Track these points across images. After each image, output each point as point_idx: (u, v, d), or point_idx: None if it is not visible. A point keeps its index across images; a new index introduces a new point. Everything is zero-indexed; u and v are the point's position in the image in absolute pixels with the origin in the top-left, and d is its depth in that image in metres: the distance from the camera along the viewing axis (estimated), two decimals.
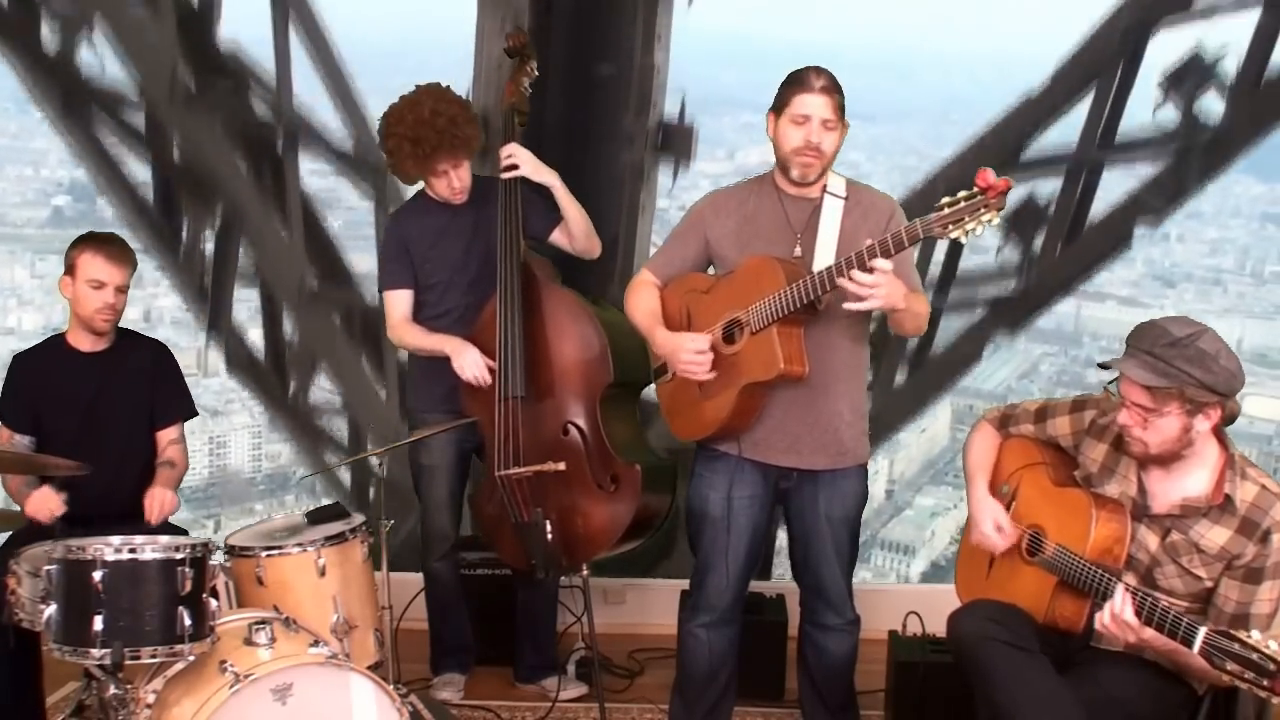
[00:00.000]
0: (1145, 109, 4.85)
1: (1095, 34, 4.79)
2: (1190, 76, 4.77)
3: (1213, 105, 4.78)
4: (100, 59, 4.84)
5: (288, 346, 5.05)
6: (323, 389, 5.09)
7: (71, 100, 4.85)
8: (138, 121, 4.87)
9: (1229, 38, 4.75)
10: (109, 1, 4.80)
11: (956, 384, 5.14)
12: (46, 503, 3.52)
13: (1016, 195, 4.87)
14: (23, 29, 4.80)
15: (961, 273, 5.04)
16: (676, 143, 4.83)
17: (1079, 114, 4.88)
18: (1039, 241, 4.92)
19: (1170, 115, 4.81)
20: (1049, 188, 4.92)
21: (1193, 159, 4.79)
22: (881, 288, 3.08)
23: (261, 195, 4.93)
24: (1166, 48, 4.79)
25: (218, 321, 5.03)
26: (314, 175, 5.00)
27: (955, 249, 4.97)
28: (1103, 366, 2.97)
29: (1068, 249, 4.92)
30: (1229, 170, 4.88)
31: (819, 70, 3.30)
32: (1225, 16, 4.75)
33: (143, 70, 4.81)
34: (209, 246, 4.97)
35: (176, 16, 4.78)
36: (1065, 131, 4.91)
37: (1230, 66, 4.74)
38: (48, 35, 4.83)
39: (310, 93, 4.93)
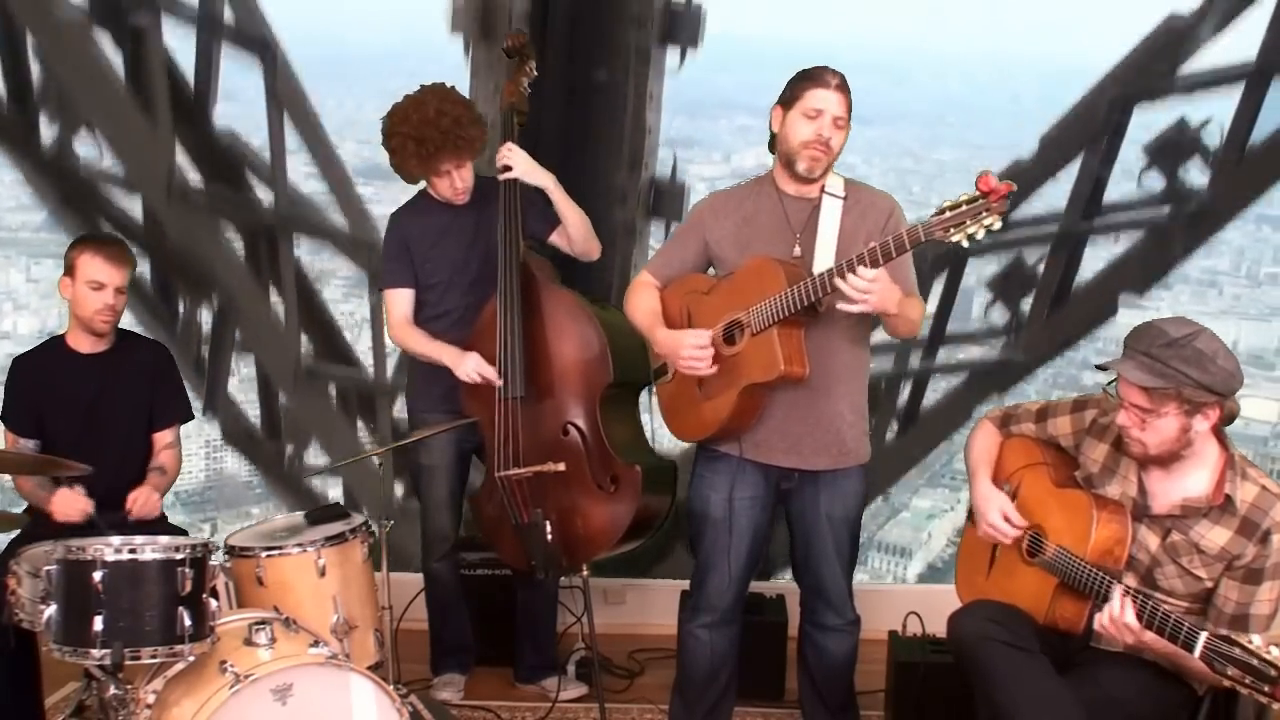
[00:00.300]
0: (1131, 179, 4.92)
1: (1081, 103, 4.87)
2: (1175, 146, 4.86)
3: (1197, 175, 4.86)
4: (100, 147, 4.91)
5: (283, 415, 5.14)
6: (319, 457, 5.18)
7: (70, 193, 4.91)
8: (135, 210, 4.94)
9: (1213, 109, 4.82)
10: (105, 103, 4.85)
11: (946, 444, 5.22)
12: (75, 504, 3.53)
13: (1005, 259, 5.01)
14: (21, 128, 4.87)
15: (950, 334, 5.12)
16: (668, 203, 4.87)
17: (1067, 177, 4.95)
18: (1027, 304, 5.01)
19: (1156, 183, 4.89)
20: (1038, 251, 5.01)
21: (1177, 231, 4.88)
22: (872, 294, 3.09)
23: (257, 280, 5.03)
24: (1151, 119, 4.86)
25: (214, 400, 5.12)
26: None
27: (944, 312, 5.06)
28: (1100, 368, 2.98)
29: (1054, 314, 5.01)
30: (1213, 241, 4.98)
31: (833, 70, 3.32)
32: (1209, 93, 4.84)
33: (139, 169, 4.87)
34: (205, 321, 5.05)
35: (173, 104, 4.84)
36: (1053, 197, 4.99)
37: (1214, 136, 4.82)
38: (46, 131, 4.89)
39: (304, 176, 5.03)
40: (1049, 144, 4.91)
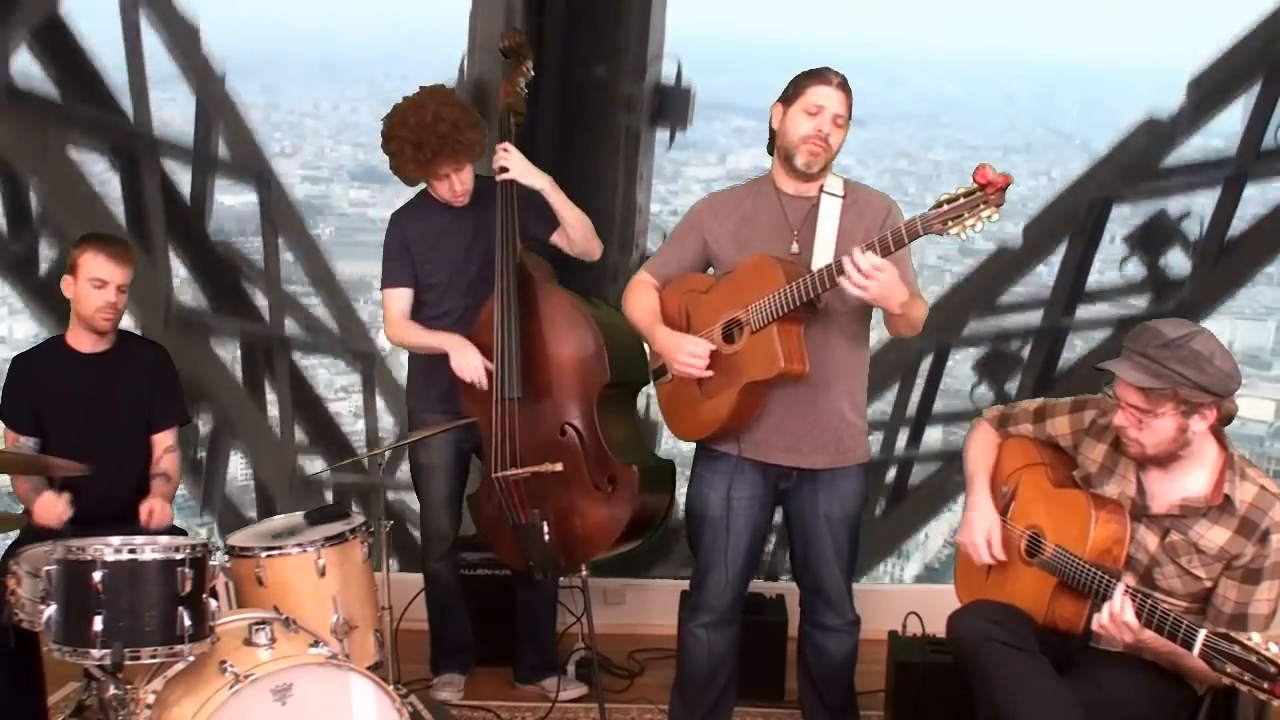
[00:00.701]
0: (1113, 268, 5.01)
1: (1063, 196, 4.97)
2: (1155, 236, 4.94)
3: (1177, 264, 4.95)
4: None
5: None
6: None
7: (66, 316, 4.94)
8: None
9: (1192, 201, 4.92)
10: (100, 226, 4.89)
11: (936, 515, 5.29)
12: (54, 508, 3.50)
13: (991, 342, 5.11)
14: (20, 256, 4.96)
15: (936, 413, 5.18)
16: None
17: (1052, 262, 5.06)
18: (1013, 387, 5.07)
19: (1137, 272, 4.98)
20: (1023, 334, 5.11)
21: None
22: (875, 282, 3.08)
23: (253, 395, 5.12)
24: (1132, 210, 4.97)
25: (210, 500, 5.21)
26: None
27: (930, 395, 5.12)
28: (1097, 369, 2.98)
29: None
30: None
31: (835, 70, 3.34)
32: (1188, 193, 4.94)
33: (136, 298, 4.89)
34: (202, 425, 5.12)
35: (169, 219, 4.93)
36: (1037, 280, 5.09)
37: (1194, 227, 4.91)
38: (45, 253, 4.98)
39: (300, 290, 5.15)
40: (1033, 232, 5.01)
